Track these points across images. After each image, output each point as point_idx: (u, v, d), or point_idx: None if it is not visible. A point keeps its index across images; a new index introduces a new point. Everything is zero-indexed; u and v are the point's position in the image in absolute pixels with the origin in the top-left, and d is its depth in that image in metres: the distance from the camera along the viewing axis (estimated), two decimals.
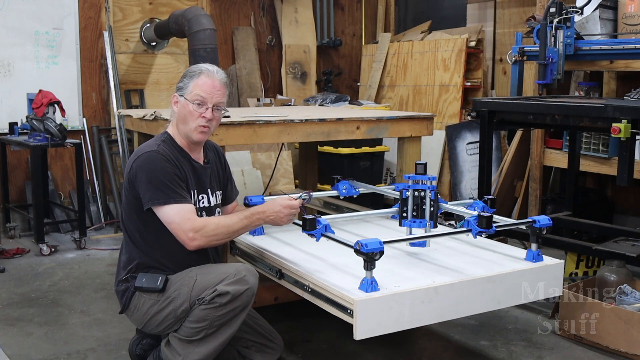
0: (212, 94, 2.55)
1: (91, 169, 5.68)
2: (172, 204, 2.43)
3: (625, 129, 3.03)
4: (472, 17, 6.26)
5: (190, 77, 2.57)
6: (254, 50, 6.52)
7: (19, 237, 5.22)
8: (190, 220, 2.42)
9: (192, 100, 2.53)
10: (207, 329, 2.42)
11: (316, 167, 4.64)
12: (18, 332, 3.33)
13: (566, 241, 3.77)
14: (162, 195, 2.42)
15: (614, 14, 4.36)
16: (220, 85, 2.57)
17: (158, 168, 2.45)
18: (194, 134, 2.56)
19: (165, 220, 2.44)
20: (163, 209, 2.43)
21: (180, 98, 2.57)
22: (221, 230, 2.45)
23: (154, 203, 2.43)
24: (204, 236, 2.42)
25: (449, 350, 3.17)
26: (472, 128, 5.56)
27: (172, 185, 2.45)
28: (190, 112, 2.54)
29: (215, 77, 2.57)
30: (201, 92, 2.53)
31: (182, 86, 2.58)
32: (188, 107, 2.54)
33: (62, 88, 5.45)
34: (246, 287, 2.42)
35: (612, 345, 3.02)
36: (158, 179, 2.43)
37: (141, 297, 2.53)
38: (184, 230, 2.41)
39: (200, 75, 2.55)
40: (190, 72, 2.59)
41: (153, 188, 2.43)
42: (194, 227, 2.41)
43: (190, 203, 2.49)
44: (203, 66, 2.60)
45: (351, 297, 2.18)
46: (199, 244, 2.43)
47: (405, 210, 2.75)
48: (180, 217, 2.42)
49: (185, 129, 2.57)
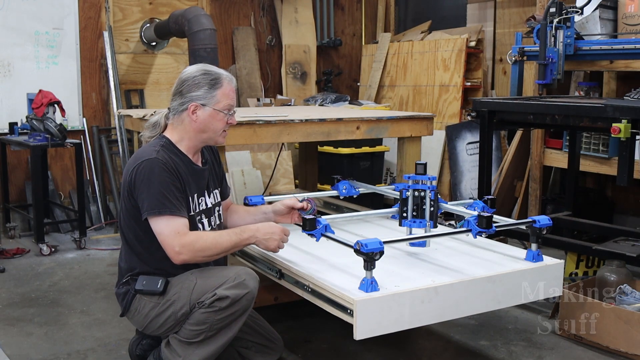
0: (235, 99, 2.62)
1: (91, 169, 5.68)
2: (166, 216, 2.40)
3: (625, 129, 3.03)
4: (472, 17, 6.26)
5: (213, 87, 2.52)
6: (254, 50, 6.52)
7: (19, 237, 5.22)
8: (179, 235, 2.39)
9: (223, 109, 2.54)
10: (207, 332, 2.42)
11: (316, 167, 4.64)
12: (18, 332, 3.33)
13: (566, 241, 3.77)
14: (158, 206, 2.39)
15: (614, 14, 4.35)
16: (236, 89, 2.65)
17: (156, 178, 2.42)
18: (221, 139, 2.62)
19: (155, 231, 2.42)
20: (156, 220, 2.41)
21: (206, 108, 2.53)
22: (209, 250, 2.42)
23: (149, 213, 2.41)
24: (191, 252, 2.38)
25: (449, 350, 3.17)
26: (472, 128, 5.56)
27: (169, 195, 2.41)
28: (221, 121, 2.55)
29: (233, 82, 2.61)
30: (230, 100, 2.57)
31: (204, 95, 2.52)
32: (218, 116, 2.54)
33: (62, 88, 5.45)
34: (246, 291, 2.41)
35: (612, 345, 3.02)
36: (156, 189, 2.40)
37: (142, 299, 2.53)
38: (171, 244, 2.38)
39: (223, 84, 2.54)
40: (208, 80, 2.53)
41: (150, 198, 2.40)
42: (181, 242, 2.37)
43: (184, 217, 2.45)
44: (216, 71, 2.57)
45: (351, 297, 2.18)
46: (185, 259, 2.39)
47: (405, 210, 2.75)
48: (170, 229, 2.39)
49: (210, 135, 2.57)
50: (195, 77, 2.54)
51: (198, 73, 2.55)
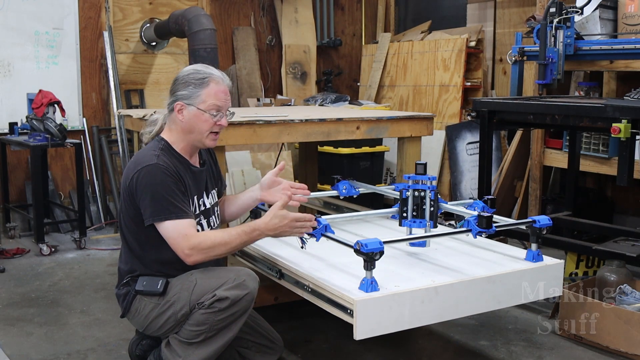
0: (226, 101, 2.53)
1: (91, 169, 5.68)
2: (173, 220, 2.39)
3: (625, 129, 3.03)
4: (472, 17, 6.26)
5: (199, 86, 2.49)
6: (254, 50, 6.52)
7: (19, 237, 5.22)
8: (187, 237, 2.38)
9: (208, 109, 2.49)
10: (207, 333, 2.42)
11: (316, 167, 4.64)
12: (18, 332, 3.33)
13: (566, 241, 3.77)
14: (163, 211, 2.39)
15: (614, 14, 4.35)
16: (228, 91, 2.56)
17: (159, 183, 2.40)
18: (208, 141, 2.55)
19: (164, 235, 2.41)
20: (163, 225, 2.40)
21: (190, 107, 2.49)
22: (218, 248, 2.40)
23: (155, 219, 2.40)
24: (201, 252, 2.38)
25: (449, 350, 3.17)
26: (472, 128, 5.56)
27: (174, 200, 2.40)
28: (206, 121, 2.50)
29: (224, 82, 2.54)
30: (217, 101, 2.49)
31: (189, 94, 2.49)
32: (202, 117, 2.49)
33: (62, 88, 5.45)
34: (245, 292, 2.41)
35: (612, 345, 3.02)
36: (159, 194, 2.39)
37: (142, 300, 2.53)
38: (181, 247, 2.38)
39: (210, 83, 2.49)
40: (195, 79, 2.50)
41: (154, 204, 2.39)
42: (190, 244, 2.37)
43: (190, 217, 2.44)
44: (206, 71, 2.53)
45: (351, 297, 2.18)
46: (196, 260, 2.39)
47: (405, 210, 2.75)
48: (178, 233, 2.38)
49: (197, 137, 2.53)
50: (185, 76, 2.52)
51: (188, 72, 2.53)
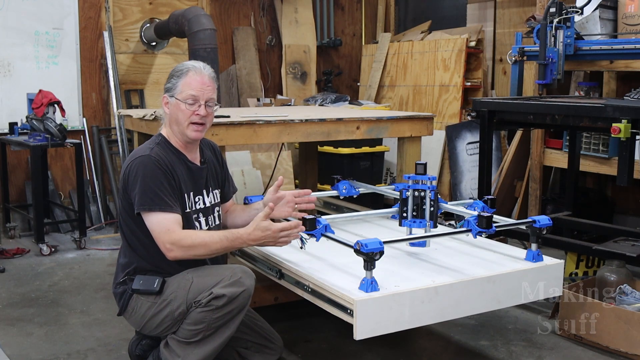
0: (203, 90, 2.53)
1: (91, 169, 5.68)
2: (157, 212, 2.40)
3: (625, 129, 3.03)
4: (472, 17, 6.26)
5: (178, 77, 2.54)
6: (254, 50, 6.52)
7: (19, 237, 5.22)
8: (169, 232, 2.38)
9: (184, 99, 2.51)
10: (205, 331, 2.42)
11: (316, 167, 4.64)
12: (18, 332, 3.33)
13: (566, 241, 3.77)
14: (149, 202, 2.41)
15: (614, 14, 4.36)
16: (209, 81, 2.56)
17: (148, 173, 2.43)
18: (189, 132, 2.55)
19: (149, 227, 2.43)
20: (148, 216, 2.42)
21: (171, 99, 2.55)
22: (198, 248, 2.39)
23: (140, 208, 2.42)
24: (181, 249, 2.38)
25: (449, 350, 3.17)
26: (472, 128, 5.56)
27: (161, 192, 2.42)
28: (183, 112, 2.52)
29: (204, 73, 2.55)
30: (192, 90, 2.52)
31: (171, 86, 2.55)
32: (180, 107, 2.52)
33: (62, 88, 5.45)
34: (242, 289, 2.41)
35: (612, 345, 3.02)
36: (147, 185, 2.41)
37: (138, 299, 2.53)
38: (162, 240, 2.39)
39: (188, 73, 2.53)
40: (177, 71, 2.57)
41: (142, 193, 2.41)
42: (171, 238, 2.38)
43: (176, 212, 2.44)
44: (189, 63, 2.58)
45: (351, 297, 2.18)
46: (176, 256, 2.40)
47: (405, 210, 2.75)
48: (160, 226, 2.39)
49: (180, 128, 2.55)
50: (171, 71, 2.61)
51: (175, 66, 2.62)
